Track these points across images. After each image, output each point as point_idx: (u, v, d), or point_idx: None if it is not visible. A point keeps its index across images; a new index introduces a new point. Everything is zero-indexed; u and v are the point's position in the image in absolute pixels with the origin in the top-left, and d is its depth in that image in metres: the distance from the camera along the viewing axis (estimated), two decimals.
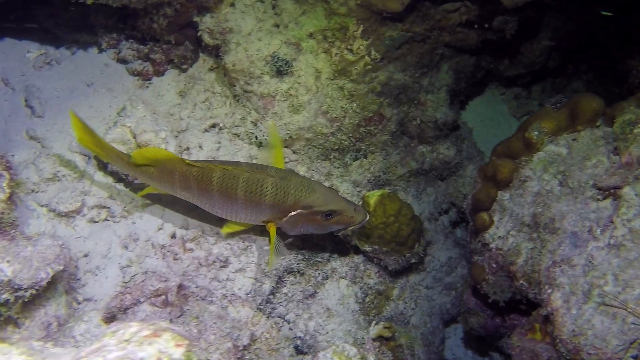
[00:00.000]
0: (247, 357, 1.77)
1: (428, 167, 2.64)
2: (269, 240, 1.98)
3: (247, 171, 1.88)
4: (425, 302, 2.60)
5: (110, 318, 1.82)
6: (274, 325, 1.93)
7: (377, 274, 2.44)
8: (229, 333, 1.78)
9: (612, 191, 1.70)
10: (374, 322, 2.25)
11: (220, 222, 2.06)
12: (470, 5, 2.20)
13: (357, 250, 2.36)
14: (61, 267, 1.56)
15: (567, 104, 1.94)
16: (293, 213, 1.90)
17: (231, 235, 2.11)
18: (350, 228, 1.97)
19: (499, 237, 1.93)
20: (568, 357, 1.53)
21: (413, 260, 2.38)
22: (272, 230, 1.96)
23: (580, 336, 1.50)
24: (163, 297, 1.91)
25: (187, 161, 1.86)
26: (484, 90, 3.15)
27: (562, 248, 1.71)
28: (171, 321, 1.84)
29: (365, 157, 2.52)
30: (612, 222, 1.64)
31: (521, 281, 1.82)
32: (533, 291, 1.74)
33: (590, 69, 3.35)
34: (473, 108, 3.15)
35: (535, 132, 1.93)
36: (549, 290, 1.62)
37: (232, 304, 1.95)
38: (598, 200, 1.73)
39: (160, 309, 1.88)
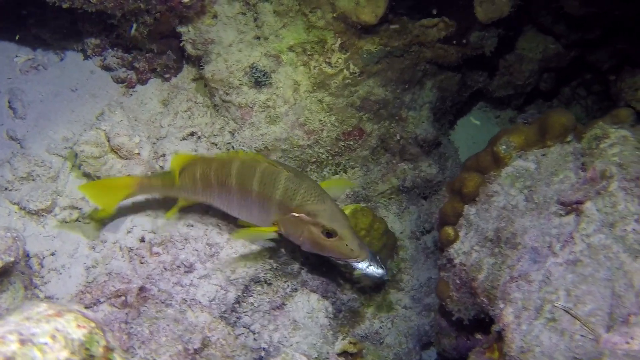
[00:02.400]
0: None
1: (410, 185, 2.61)
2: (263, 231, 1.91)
3: (265, 162, 1.85)
4: (403, 322, 2.54)
5: None
6: (231, 333, 1.91)
7: (351, 290, 2.40)
8: (181, 336, 1.77)
9: (574, 206, 1.65)
10: (340, 337, 2.20)
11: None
12: (448, 21, 2.20)
13: (330, 264, 2.33)
14: (12, 259, 1.58)
15: (538, 119, 1.91)
16: (295, 214, 1.82)
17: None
18: (347, 261, 1.86)
19: (464, 252, 1.89)
20: None
21: (386, 278, 2.33)
22: (274, 227, 1.88)
23: (528, 352, 1.44)
24: (123, 298, 1.92)
25: (206, 156, 1.88)
26: (477, 111, 3.12)
27: (521, 263, 1.66)
28: (127, 323, 1.84)
29: (345, 172, 2.51)
30: (572, 237, 1.59)
31: (482, 297, 1.76)
32: (492, 308, 1.69)
33: (590, 94, 3.30)
34: (466, 129, 3.12)
35: (503, 147, 1.89)
36: (502, 306, 1.57)
37: (191, 308, 1.94)
38: (561, 215, 1.68)
39: (118, 310, 1.89)
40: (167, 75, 2.42)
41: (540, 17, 2.55)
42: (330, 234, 1.78)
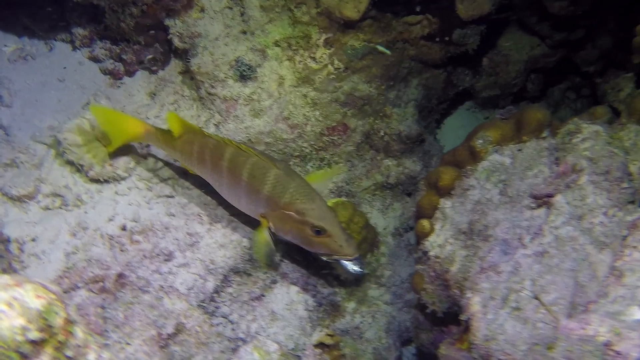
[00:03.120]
0: (171, 346, 1.76)
1: (394, 181, 2.63)
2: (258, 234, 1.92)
3: (257, 155, 1.88)
4: (383, 317, 2.55)
5: None
6: (206, 320, 1.93)
7: (332, 284, 2.42)
8: (155, 321, 1.79)
9: (545, 199, 1.67)
10: (318, 329, 2.22)
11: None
12: (432, 18, 2.22)
13: (311, 258, 2.35)
14: None
15: (515, 115, 1.93)
16: (285, 212, 1.84)
17: None
18: (335, 258, 1.87)
19: (438, 245, 1.90)
20: None
21: (365, 272, 2.35)
22: (265, 223, 1.91)
23: (491, 341, 1.45)
24: (101, 284, 1.94)
25: (205, 133, 1.93)
26: (466, 112, 3.14)
27: (492, 255, 1.67)
28: (103, 307, 1.86)
29: (330, 167, 2.53)
30: (542, 230, 1.61)
31: (454, 289, 1.78)
32: (463, 299, 1.70)
33: (579, 97, 3.32)
34: (453, 129, 3.14)
35: (480, 141, 1.91)
36: (469, 295, 1.58)
37: (168, 295, 1.96)
38: (532, 208, 1.70)
39: (95, 295, 1.91)
40: (154, 68, 2.45)
41: (524, 17, 2.57)
42: (319, 231, 1.80)
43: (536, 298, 1.45)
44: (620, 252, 1.36)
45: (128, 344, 1.69)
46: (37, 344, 1.02)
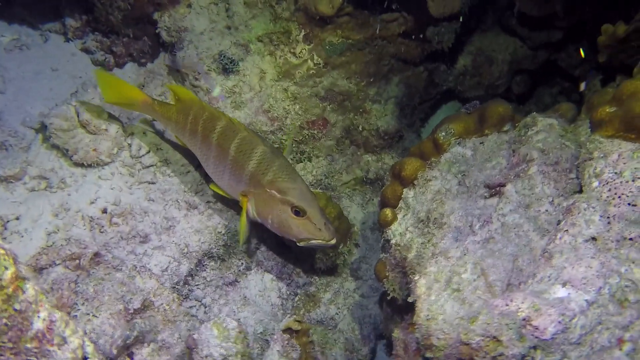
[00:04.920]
0: (137, 321, 1.84)
1: (373, 177, 2.69)
2: (240, 216, 1.97)
3: (247, 131, 1.94)
4: (358, 309, 2.60)
5: None
6: (175, 300, 2.00)
7: (307, 274, 2.48)
8: (123, 296, 1.87)
9: (498, 189, 1.71)
10: (287, 315, 2.28)
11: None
12: (407, 15, 2.29)
13: (288, 247, 2.41)
14: None
15: (479, 109, 1.98)
16: (267, 190, 1.87)
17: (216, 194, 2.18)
18: (313, 242, 1.90)
19: (400, 233, 1.95)
20: (422, 342, 1.52)
21: (337, 262, 2.41)
22: (245, 204, 1.95)
23: (432, 320, 1.50)
24: (77, 261, 2.03)
25: (203, 102, 2.01)
26: (450, 110, 3.18)
27: (444, 241, 1.72)
28: (76, 283, 1.95)
29: (310, 161, 2.60)
30: (491, 217, 1.65)
31: (410, 276, 1.82)
32: (412, 283, 1.75)
33: (569, 101, 3.33)
34: None
35: (443, 133, 1.96)
36: (416, 278, 1.63)
37: (140, 275, 2.05)
38: (485, 197, 1.74)
39: (71, 272, 2.00)
40: (143, 60, 2.55)
41: (504, 18, 2.62)
42: (298, 212, 1.84)
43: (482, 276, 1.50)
44: (554, 236, 1.40)
45: (95, 316, 1.77)
46: None
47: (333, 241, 1.90)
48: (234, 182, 1.98)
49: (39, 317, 1.21)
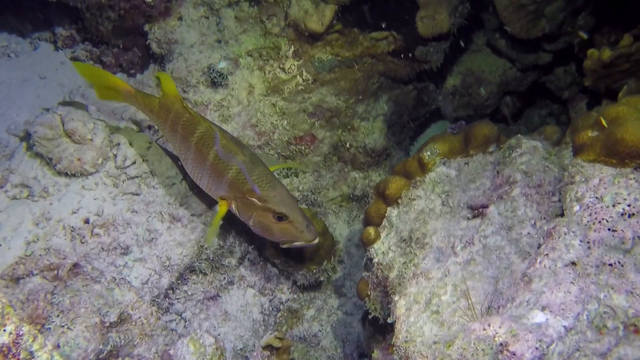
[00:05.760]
0: (112, 335, 1.81)
1: (360, 194, 2.68)
2: (214, 217, 1.97)
3: (226, 139, 1.94)
4: (342, 327, 2.58)
5: None
6: (154, 313, 1.98)
7: (290, 290, 2.46)
8: (100, 309, 1.84)
9: (480, 210, 1.70)
10: (269, 332, 2.25)
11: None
12: (396, 35, 2.30)
13: (271, 262, 2.39)
14: None
15: (464, 129, 1.98)
16: (248, 198, 1.89)
17: None
18: (296, 244, 1.92)
19: (382, 252, 1.94)
20: None
21: (322, 278, 2.39)
22: (223, 208, 1.96)
23: (410, 342, 1.48)
24: (55, 272, 2.00)
25: (185, 105, 2.00)
26: (439, 129, 3.18)
27: (425, 262, 1.71)
28: (53, 294, 1.92)
29: (297, 176, 2.59)
30: (473, 239, 1.64)
31: (391, 295, 1.81)
32: (392, 303, 1.73)
33: (558, 124, 3.35)
34: None
35: (428, 153, 1.96)
36: (396, 298, 1.62)
37: (119, 287, 2.02)
38: (468, 219, 1.73)
39: (48, 282, 1.97)
40: (132, 71, 2.55)
41: (494, 40, 2.64)
42: (281, 217, 1.86)
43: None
44: (534, 259, 1.39)
45: (69, 328, 1.74)
46: None
47: (316, 241, 1.92)
48: (213, 186, 2.00)
49: (4, 330, 1.19)
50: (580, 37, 2.36)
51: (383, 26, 2.29)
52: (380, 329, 2.07)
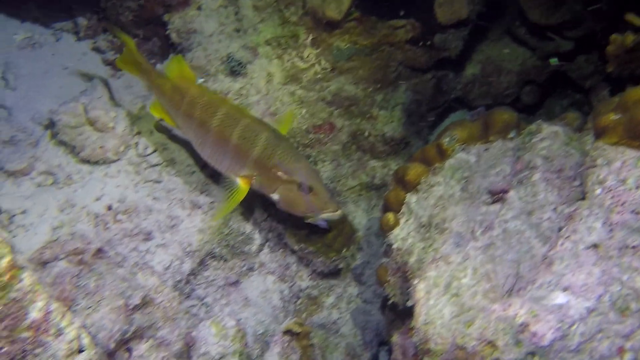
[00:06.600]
0: (136, 316, 1.85)
1: (379, 183, 2.68)
2: (233, 194, 2.00)
3: (249, 117, 1.98)
4: (361, 315, 2.59)
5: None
6: (176, 297, 2.01)
7: (310, 277, 2.47)
8: (124, 292, 1.88)
9: (500, 195, 1.70)
10: (289, 318, 2.27)
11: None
12: (415, 22, 2.29)
13: (291, 249, 2.41)
14: None
15: (484, 116, 1.97)
16: (274, 172, 1.95)
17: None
18: (320, 217, 1.99)
19: (402, 238, 1.94)
20: (419, 347, 1.51)
21: (340, 265, 2.40)
22: (245, 187, 2.00)
23: (429, 325, 1.49)
24: (80, 256, 2.05)
25: (202, 87, 2.01)
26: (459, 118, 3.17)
27: (445, 247, 1.71)
28: (78, 277, 1.96)
29: (316, 165, 2.60)
30: (493, 223, 1.64)
31: (410, 280, 1.81)
32: (411, 287, 1.74)
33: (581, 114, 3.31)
34: None
35: (447, 139, 1.95)
36: (415, 282, 1.62)
37: (142, 271, 2.05)
38: (488, 204, 1.73)
39: (73, 266, 2.01)
40: (152, 61, 2.58)
41: (514, 27, 2.61)
42: (305, 189, 1.93)
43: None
44: (555, 242, 1.39)
45: (95, 310, 1.78)
46: None
47: (339, 212, 1.99)
48: (236, 166, 2.02)
49: (34, 306, 1.22)
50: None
51: (401, 14, 2.29)
52: (400, 314, 2.08)
